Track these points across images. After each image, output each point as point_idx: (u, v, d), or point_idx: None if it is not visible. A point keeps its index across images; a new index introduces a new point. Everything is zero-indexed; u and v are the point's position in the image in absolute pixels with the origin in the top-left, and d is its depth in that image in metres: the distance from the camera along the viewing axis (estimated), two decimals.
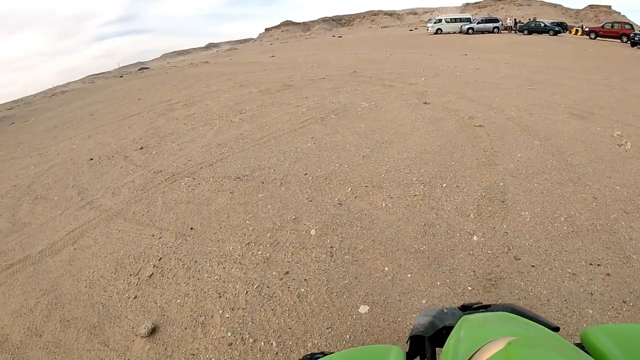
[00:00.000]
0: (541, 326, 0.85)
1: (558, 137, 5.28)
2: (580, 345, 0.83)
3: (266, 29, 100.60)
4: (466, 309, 1.11)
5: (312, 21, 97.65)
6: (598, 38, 26.83)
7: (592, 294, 2.50)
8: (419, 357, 1.09)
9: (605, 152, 4.77)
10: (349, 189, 4.07)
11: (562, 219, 3.31)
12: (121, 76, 29.91)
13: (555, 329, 0.89)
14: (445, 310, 1.10)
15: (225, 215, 3.85)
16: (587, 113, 6.62)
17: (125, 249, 3.47)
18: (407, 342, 1.15)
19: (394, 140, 5.44)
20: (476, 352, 0.66)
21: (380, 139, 5.51)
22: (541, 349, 0.60)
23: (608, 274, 2.65)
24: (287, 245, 3.27)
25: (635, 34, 22.35)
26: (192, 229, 3.68)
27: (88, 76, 53.76)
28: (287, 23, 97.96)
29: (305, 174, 4.55)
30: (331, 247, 3.18)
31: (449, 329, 0.95)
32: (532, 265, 2.78)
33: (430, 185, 4.02)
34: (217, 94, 11.13)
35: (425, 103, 7.54)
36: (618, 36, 25.28)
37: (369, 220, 3.49)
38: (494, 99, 7.74)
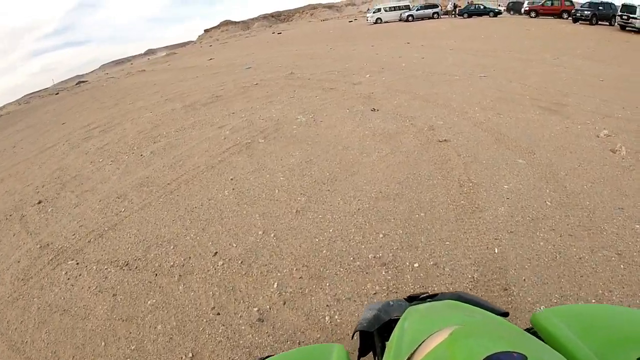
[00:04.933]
0: (488, 312, 0.82)
1: (542, 147, 4.22)
2: (532, 330, 0.79)
3: (205, 30, 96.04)
4: (413, 299, 1.07)
5: (252, 19, 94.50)
6: (539, 16, 27.01)
7: None
8: (371, 352, 1.05)
9: (602, 164, 3.83)
10: (275, 285, 2.63)
11: None
12: (57, 93, 27.05)
13: (504, 315, 0.87)
14: (391, 303, 1.06)
15: (103, 344, 2.43)
16: (557, 105, 5.80)
17: None
18: (352, 338, 1.32)
19: (338, 176, 4.08)
20: (420, 344, 0.62)
21: (319, 177, 4.13)
22: (484, 337, 0.56)
23: None
24: None
25: (577, 10, 22.63)
26: None
27: (24, 96, 49.04)
28: (227, 23, 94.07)
29: (215, 253, 3.09)
30: None
31: (397, 322, 0.85)
32: None
33: (395, 268, 2.63)
34: (139, 112, 9.51)
35: (374, 110, 6.30)
36: (558, 13, 25.50)
37: None
38: (451, 96, 6.67)
